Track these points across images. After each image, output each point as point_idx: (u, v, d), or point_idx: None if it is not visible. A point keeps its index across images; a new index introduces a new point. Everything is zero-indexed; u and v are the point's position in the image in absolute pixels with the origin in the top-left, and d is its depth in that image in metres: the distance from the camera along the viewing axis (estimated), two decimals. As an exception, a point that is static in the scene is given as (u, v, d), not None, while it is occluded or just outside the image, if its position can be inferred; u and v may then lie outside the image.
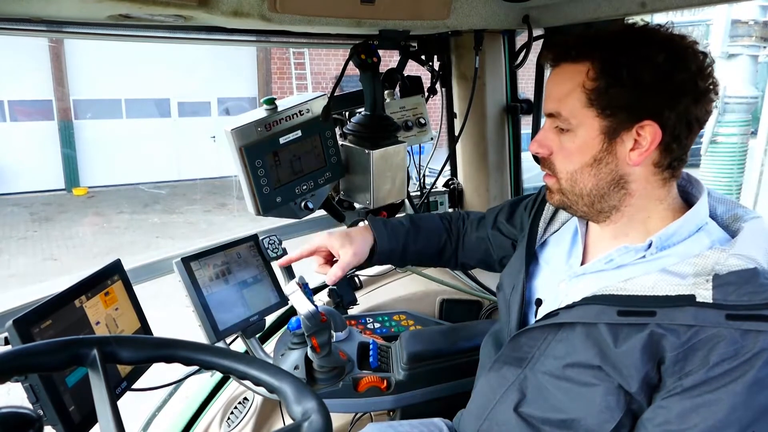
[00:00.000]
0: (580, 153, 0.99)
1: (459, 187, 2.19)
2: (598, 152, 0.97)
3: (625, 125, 0.94)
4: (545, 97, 1.04)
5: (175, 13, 1.11)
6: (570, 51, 0.98)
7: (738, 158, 7.11)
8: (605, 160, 0.97)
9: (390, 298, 2.06)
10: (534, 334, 1.06)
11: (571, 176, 1.01)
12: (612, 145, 0.96)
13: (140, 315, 1.40)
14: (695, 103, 0.92)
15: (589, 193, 1.00)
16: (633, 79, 0.91)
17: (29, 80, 12.24)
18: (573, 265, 1.12)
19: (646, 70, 0.91)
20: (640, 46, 0.93)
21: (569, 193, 1.03)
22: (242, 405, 1.83)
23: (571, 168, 1.01)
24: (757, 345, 0.81)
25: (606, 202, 1.00)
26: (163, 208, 12.00)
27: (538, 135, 1.05)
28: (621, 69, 0.92)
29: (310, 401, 0.82)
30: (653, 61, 0.91)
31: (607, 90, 0.93)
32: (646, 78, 0.91)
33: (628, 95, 0.92)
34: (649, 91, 0.91)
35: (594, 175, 0.99)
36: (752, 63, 6.87)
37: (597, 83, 0.94)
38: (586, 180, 1.00)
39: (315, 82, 13.83)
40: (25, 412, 0.79)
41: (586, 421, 0.94)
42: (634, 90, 0.92)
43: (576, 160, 0.99)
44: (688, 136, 0.95)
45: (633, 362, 0.89)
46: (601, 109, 0.94)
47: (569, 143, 0.99)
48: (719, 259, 0.88)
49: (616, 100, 0.93)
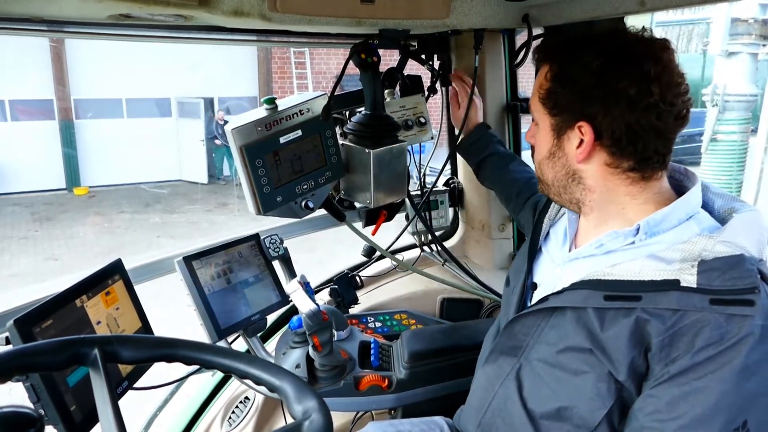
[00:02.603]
0: (541, 145, 1.10)
1: (459, 186, 2.19)
2: (552, 146, 1.07)
3: (568, 124, 1.02)
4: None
5: (176, 12, 1.11)
6: (539, 53, 1.10)
7: (738, 156, 7.12)
8: (557, 155, 1.06)
9: (391, 297, 2.06)
10: (527, 321, 1.08)
11: (539, 165, 1.13)
12: (560, 141, 1.05)
13: (141, 314, 1.40)
14: (630, 111, 0.94)
15: (552, 183, 1.11)
16: (573, 82, 0.99)
17: (30, 80, 12.25)
18: (566, 250, 1.15)
19: (584, 75, 0.97)
20: (583, 52, 0.99)
21: (541, 182, 1.15)
22: (243, 404, 1.83)
23: (539, 158, 1.12)
24: (743, 330, 0.82)
25: (568, 193, 1.08)
26: (164, 208, 12.01)
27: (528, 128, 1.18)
28: (567, 73, 1.00)
29: (310, 400, 0.82)
30: (590, 66, 0.96)
31: (555, 91, 1.02)
32: (585, 82, 0.97)
33: (568, 97, 1.00)
34: (585, 94, 0.97)
35: (551, 167, 1.09)
36: (752, 61, 6.86)
37: (550, 84, 1.03)
38: (547, 171, 1.10)
39: (316, 82, 13.82)
40: (27, 411, 0.79)
41: (579, 408, 0.96)
42: (573, 93, 0.99)
43: (540, 151, 1.11)
44: (636, 141, 0.96)
45: (620, 347, 0.90)
46: (549, 108, 1.05)
47: (538, 135, 1.11)
48: (706, 246, 0.89)
49: (559, 101, 1.02)
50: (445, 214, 2.17)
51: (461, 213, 2.24)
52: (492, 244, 2.12)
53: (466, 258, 2.21)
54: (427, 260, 2.15)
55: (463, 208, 2.22)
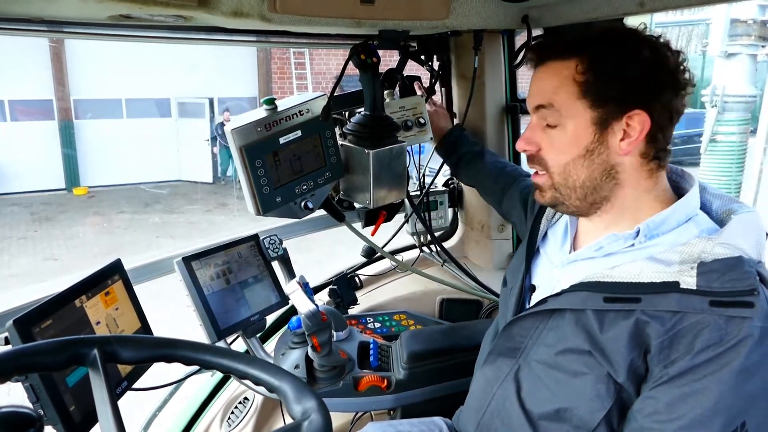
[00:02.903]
0: (573, 144, 1.01)
1: (459, 187, 2.19)
2: (590, 143, 1.00)
3: (615, 115, 0.97)
4: (530, 94, 1.07)
5: (176, 13, 1.11)
6: (557, 48, 1.02)
7: (737, 157, 7.12)
8: (597, 151, 1.00)
9: (390, 297, 2.06)
10: (526, 323, 1.08)
11: (564, 169, 1.03)
12: (603, 135, 0.99)
13: (140, 315, 1.40)
14: (675, 96, 0.97)
15: (582, 185, 1.02)
16: (621, 72, 0.96)
17: (30, 80, 12.26)
18: (565, 252, 1.14)
19: (633, 64, 0.95)
20: (626, 43, 0.98)
21: (562, 187, 1.05)
22: (243, 404, 1.83)
23: (563, 160, 1.02)
24: (742, 331, 0.82)
25: (598, 193, 1.02)
26: (164, 208, 12.01)
27: (525, 133, 1.08)
28: (609, 63, 0.97)
29: (310, 400, 0.82)
30: (639, 55, 0.95)
31: (595, 83, 0.97)
32: (633, 71, 0.95)
33: (617, 87, 0.96)
34: (637, 83, 0.96)
35: (586, 166, 1.01)
36: (751, 62, 6.86)
37: (586, 76, 0.97)
38: (579, 171, 1.02)
39: (315, 82, 13.83)
40: (26, 411, 0.79)
41: (578, 410, 0.96)
42: (623, 82, 0.96)
43: (568, 152, 1.02)
44: (670, 128, 1.00)
45: (619, 349, 0.90)
46: (592, 101, 0.98)
47: (559, 136, 1.02)
48: (705, 248, 0.89)
49: (605, 92, 0.97)
50: (444, 214, 2.18)
51: (460, 213, 2.24)
52: (491, 244, 2.12)
53: (465, 258, 2.21)
54: (426, 261, 2.15)
55: (462, 209, 2.23)
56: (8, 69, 11.64)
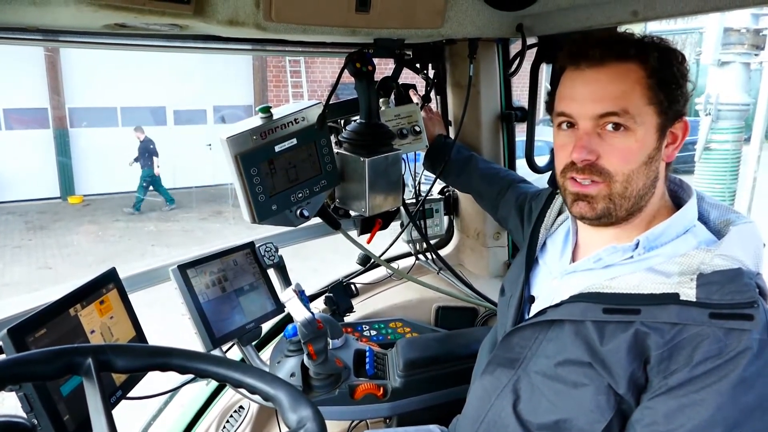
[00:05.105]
0: (640, 152, 0.96)
1: (454, 195, 2.20)
2: (653, 150, 0.97)
3: (672, 122, 0.98)
4: (587, 99, 0.98)
5: (171, 22, 1.11)
6: (613, 48, 0.96)
7: (731, 165, 7.14)
8: (656, 158, 0.98)
9: (386, 305, 2.06)
10: (525, 334, 1.08)
11: (627, 177, 0.97)
12: (661, 141, 0.98)
13: (135, 323, 1.39)
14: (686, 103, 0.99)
15: (637, 194, 0.98)
16: (677, 78, 0.96)
17: (25, 89, 12.23)
18: (564, 262, 1.14)
19: (683, 72, 0.97)
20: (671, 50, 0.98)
21: (618, 197, 0.98)
22: (238, 413, 1.82)
23: (628, 168, 0.96)
24: (741, 344, 0.82)
25: (643, 201, 1.00)
26: (159, 216, 11.97)
27: (581, 141, 0.98)
28: (669, 70, 0.96)
29: (305, 409, 0.82)
30: (679, 63, 0.97)
31: (661, 88, 0.95)
32: (684, 78, 0.97)
33: (677, 93, 0.96)
34: (683, 89, 0.97)
35: (645, 174, 0.97)
36: (745, 70, 6.90)
37: (653, 82, 0.95)
38: (639, 179, 0.97)
39: (311, 90, 13.85)
40: (20, 421, 0.79)
41: (578, 421, 0.95)
42: (681, 89, 0.97)
43: (634, 160, 0.96)
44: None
45: (619, 360, 0.90)
46: (660, 106, 0.95)
47: (627, 143, 0.96)
48: (704, 259, 0.89)
49: (669, 98, 0.96)
50: (440, 222, 2.18)
51: (456, 221, 2.25)
52: (487, 252, 2.13)
53: (461, 266, 2.21)
54: (422, 268, 2.15)
55: (458, 217, 2.23)
56: (3, 77, 11.62)
